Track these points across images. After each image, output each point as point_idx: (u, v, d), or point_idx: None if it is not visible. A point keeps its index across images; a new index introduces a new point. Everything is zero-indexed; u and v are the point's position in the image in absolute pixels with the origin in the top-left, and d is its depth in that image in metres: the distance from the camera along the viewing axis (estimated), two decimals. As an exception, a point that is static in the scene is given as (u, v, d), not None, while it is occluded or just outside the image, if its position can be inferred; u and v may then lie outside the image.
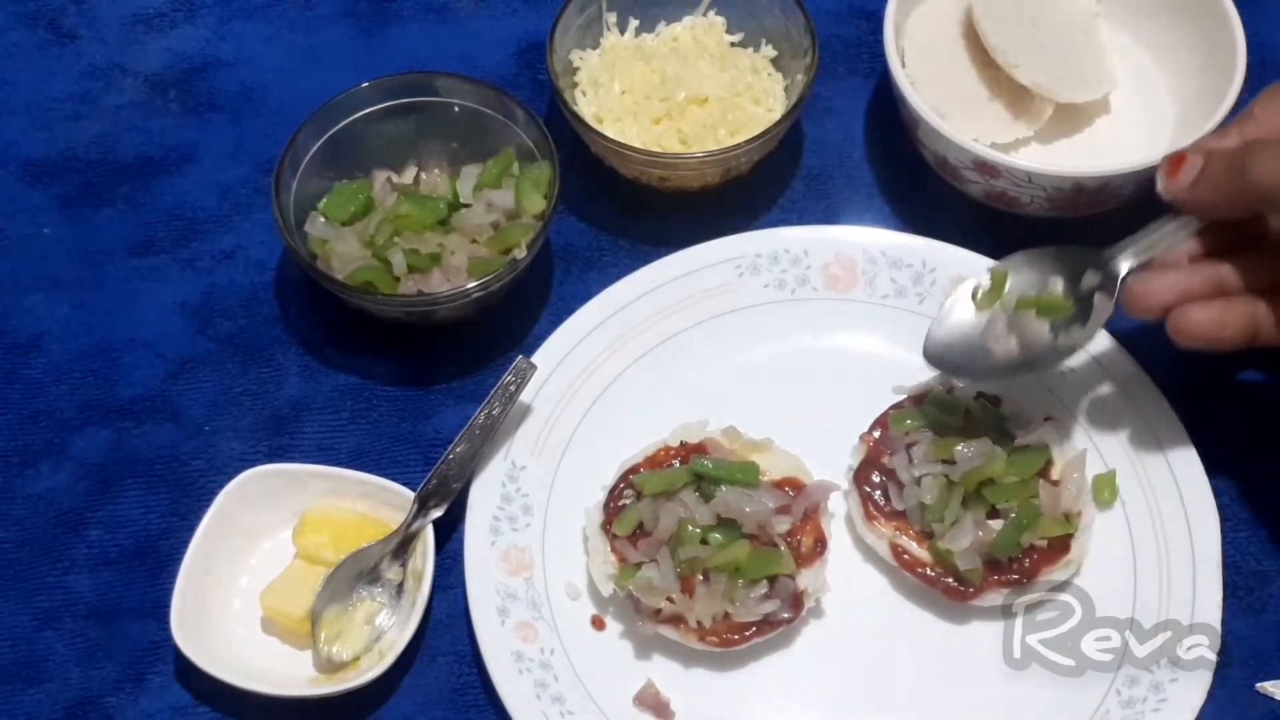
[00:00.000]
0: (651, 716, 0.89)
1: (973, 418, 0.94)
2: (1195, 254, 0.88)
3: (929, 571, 0.91)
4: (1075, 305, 0.92)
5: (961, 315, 0.95)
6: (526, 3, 1.21)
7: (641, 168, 1.06)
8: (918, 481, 0.91)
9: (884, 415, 0.96)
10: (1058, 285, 0.93)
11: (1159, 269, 0.89)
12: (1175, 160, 0.85)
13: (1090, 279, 0.91)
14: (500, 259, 0.99)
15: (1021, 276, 0.94)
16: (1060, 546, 0.90)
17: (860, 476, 0.94)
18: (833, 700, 0.90)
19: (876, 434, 0.95)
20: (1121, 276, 0.90)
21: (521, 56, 1.18)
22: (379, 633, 0.91)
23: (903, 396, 0.97)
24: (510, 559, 0.93)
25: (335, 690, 0.88)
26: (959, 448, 0.91)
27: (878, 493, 0.93)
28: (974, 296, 0.95)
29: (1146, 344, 0.99)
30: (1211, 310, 0.86)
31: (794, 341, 1.03)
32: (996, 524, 0.90)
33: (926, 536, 0.91)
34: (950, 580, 0.90)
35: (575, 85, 1.09)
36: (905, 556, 0.91)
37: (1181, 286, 0.87)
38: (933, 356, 0.94)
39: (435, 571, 0.92)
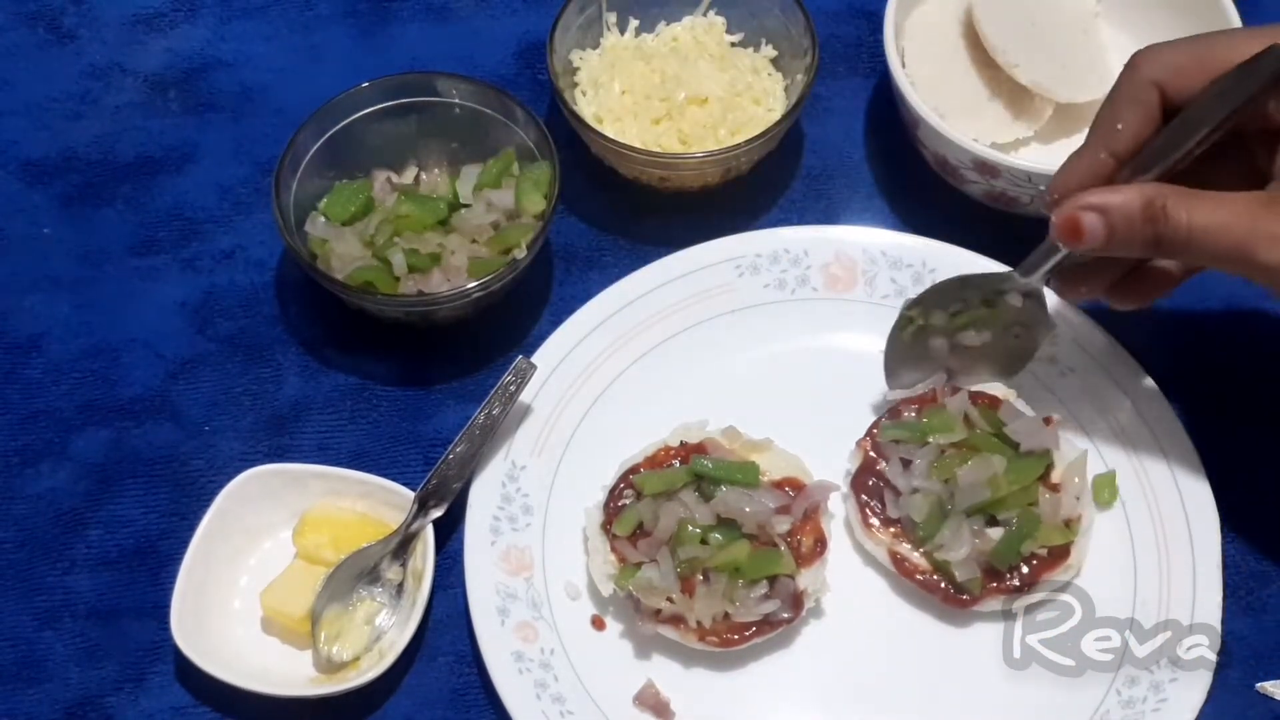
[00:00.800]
0: (651, 716, 0.89)
1: (971, 424, 0.93)
2: None
3: (928, 578, 0.91)
4: (1001, 314, 0.94)
5: (900, 348, 0.97)
6: (526, 3, 1.21)
7: (641, 168, 1.06)
8: (913, 492, 0.91)
9: (877, 422, 0.96)
10: (975, 301, 0.95)
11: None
12: (1070, 224, 0.80)
13: (1012, 299, 0.93)
14: (500, 259, 0.99)
15: (937, 305, 0.96)
16: (1060, 552, 0.90)
17: (857, 483, 0.94)
18: (832, 700, 0.90)
19: (871, 440, 0.95)
20: (1039, 289, 0.92)
21: (521, 56, 1.18)
22: (379, 633, 0.91)
23: (894, 401, 0.97)
24: (510, 559, 0.93)
25: (335, 690, 0.88)
26: (960, 470, 0.90)
27: (874, 500, 0.93)
28: (902, 337, 0.97)
29: (1146, 343, 0.99)
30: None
31: (794, 341, 1.03)
32: (995, 532, 0.90)
33: (924, 543, 0.91)
34: (949, 587, 0.90)
35: (575, 85, 1.09)
36: (904, 563, 0.91)
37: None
38: (896, 385, 0.97)
39: (435, 571, 0.92)
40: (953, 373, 0.98)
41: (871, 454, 0.94)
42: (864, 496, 0.93)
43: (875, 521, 0.92)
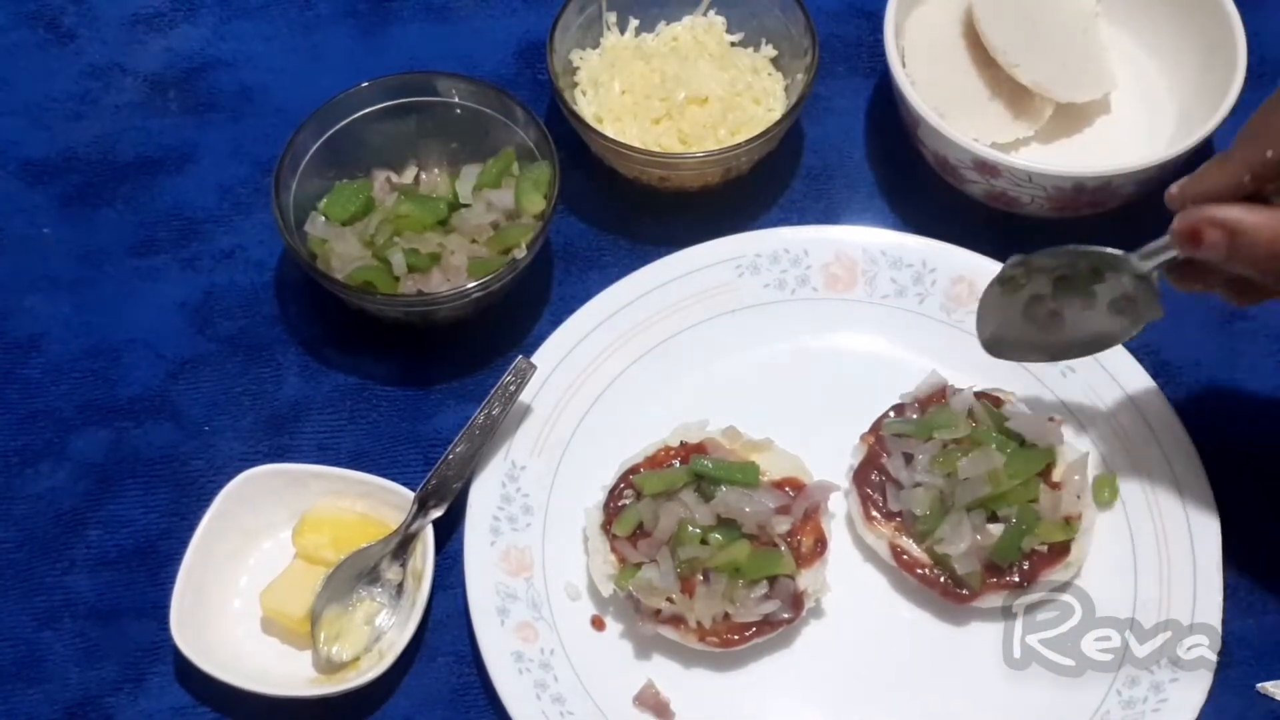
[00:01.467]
0: (651, 716, 0.89)
1: (975, 421, 0.93)
2: None
3: (928, 572, 0.91)
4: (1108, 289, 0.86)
5: (997, 303, 0.90)
6: (526, 3, 1.21)
7: (641, 168, 1.06)
8: (914, 486, 0.91)
9: (884, 416, 0.96)
10: (1083, 269, 0.86)
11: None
12: (1191, 231, 0.78)
13: (1119, 282, 0.85)
14: (500, 259, 0.99)
15: (1043, 264, 0.88)
16: (1060, 549, 0.90)
17: (860, 476, 0.94)
18: (833, 700, 0.90)
19: (875, 435, 0.95)
20: (1149, 271, 0.83)
21: (521, 56, 1.18)
22: (379, 633, 0.91)
23: (901, 400, 0.96)
24: (510, 559, 0.93)
25: (335, 690, 0.87)
26: (961, 462, 0.90)
27: (877, 493, 0.93)
28: (1002, 285, 0.89)
29: (1146, 344, 0.99)
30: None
31: (794, 341, 1.03)
32: (995, 528, 0.90)
33: (925, 537, 0.91)
34: (949, 581, 0.90)
35: (575, 85, 1.09)
36: (905, 557, 0.91)
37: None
38: (991, 345, 0.91)
39: (435, 571, 0.92)
40: (1044, 344, 0.91)
41: (876, 448, 0.94)
42: (867, 490, 0.93)
43: (877, 514, 0.92)
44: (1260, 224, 0.76)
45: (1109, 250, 0.86)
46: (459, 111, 1.05)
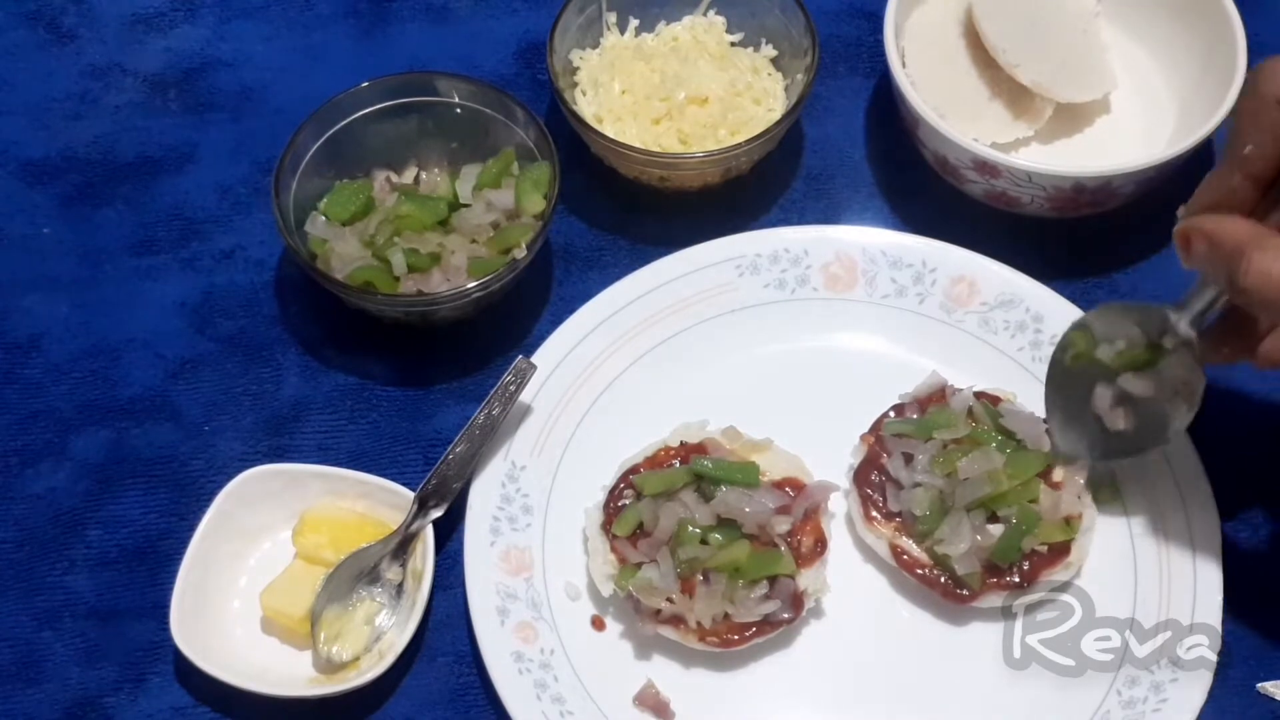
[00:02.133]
0: (651, 717, 0.89)
1: (975, 421, 0.93)
2: None
3: (928, 573, 0.91)
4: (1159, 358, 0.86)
5: (1064, 396, 0.91)
6: (526, 3, 1.21)
7: (641, 167, 1.06)
8: (914, 486, 0.91)
9: (884, 416, 0.96)
10: (1139, 340, 0.87)
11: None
12: (1180, 238, 0.79)
13: (1169, 340, 0.85)
14: (500, 259, 0.99)
15: (1101, 332, 0.89)
16: (1060, 550, 0.90)
17: (860, 476, 0.94)
18: (833, 700, 0.90)
19: (875, 434, 0.95)
20: (1193, 339, 0.84)
21: (521, 56, 1.18)
22: (379, 633, 0.91)
23: (901, 400, 0.96)
24: (510, 559, 0.93)
25: (335, 690, 0.87)
26: (961, 462, 0.90)
27: (877, 493, 0.93)
28: (1064, 360, 0.90)
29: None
30: None
31: (794, 341, 1.03)
32: (995, 529, 0.90)
33: (925, 537, 0.91)
34: (949, 582, 0.90)
35: (575, 85, 1.09)
36: (905, 557, 0.91)
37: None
38: (1066, 451, 0.91)
39: (435, 571, 0.92)
40: (1105, 445, 0.90)
41: (875, 448, 0.94)
42: (867, 490, 0.93)
43: (877, 515, 0.92)
44: (1227, 232, 0.77)
45: (1151, 305, 0.86)
46: (459, 111, 1.05)
